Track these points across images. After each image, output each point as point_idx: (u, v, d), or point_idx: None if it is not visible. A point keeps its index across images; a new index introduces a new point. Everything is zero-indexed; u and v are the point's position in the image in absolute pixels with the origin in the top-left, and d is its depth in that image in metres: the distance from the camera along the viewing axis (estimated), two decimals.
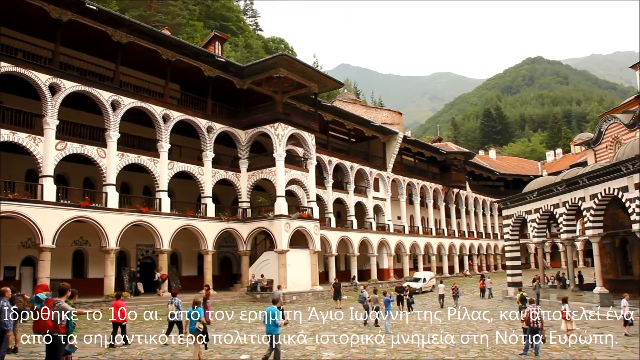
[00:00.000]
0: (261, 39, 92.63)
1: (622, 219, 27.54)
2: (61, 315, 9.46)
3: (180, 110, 32.31)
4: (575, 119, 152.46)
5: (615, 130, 36.09)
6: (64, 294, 10.04)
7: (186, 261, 36.56)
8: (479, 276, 52.07)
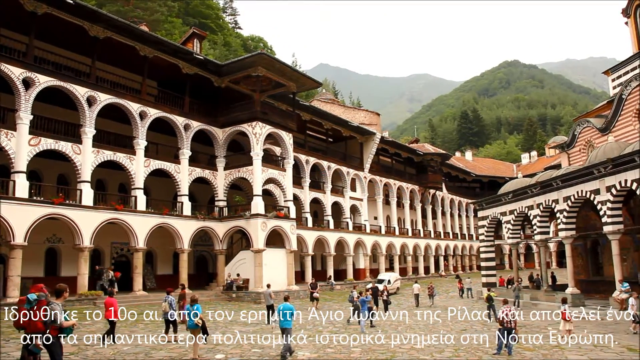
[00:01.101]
0: (240, 38, 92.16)
1: (593, 221, 28.04)
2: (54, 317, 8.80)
3: (157, 107, 32.04)
4: (550, 122, 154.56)
5: (588, 134, 36.64)
6: (61, 295, 9.51)
7: (161, 260, 36.28)
8: (454, 276, 52.50)
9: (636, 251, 27.29)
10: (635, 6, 37.23)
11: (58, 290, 9.53)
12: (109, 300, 15.91)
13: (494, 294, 23.98)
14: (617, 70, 37.22)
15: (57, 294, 9.50)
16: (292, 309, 14.26)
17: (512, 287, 28.22)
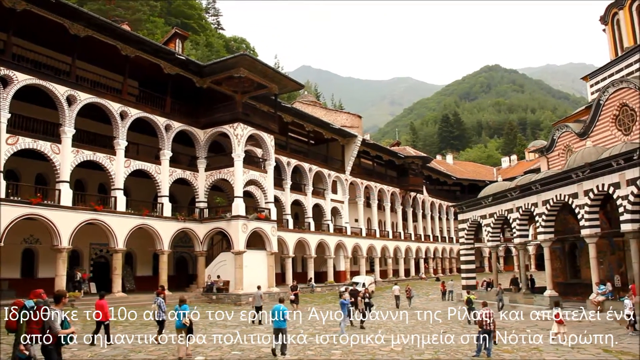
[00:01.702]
0: (223, 38, 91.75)
1: (571, 225, 28.40)
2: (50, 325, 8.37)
3: (138, 107, 31.79)
4: (530, 127, 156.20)
5: (567, 139, 37.09)
6: (60, 301, 9.07)
7: (141, 261, 35.97)
8: (434, 279, 52.76)
9: (612, 254, 27.67)
10: (612, 14, 37.82)
11: (57, 296, 9.16)
12: (99, 302, 16.01)
13: (473, 297, 24.16)
14: (595, 77, 37.77)
15: (56, 300, 9.11)
16: (286, 310, 14.77)
17: (495, 290, 28.39)
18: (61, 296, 9.13)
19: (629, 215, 21.63)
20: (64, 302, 9.12)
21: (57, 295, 9.13)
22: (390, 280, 50.46)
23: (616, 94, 32.45)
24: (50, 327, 8.35)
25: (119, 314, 18.15)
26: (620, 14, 36.84)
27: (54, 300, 9.09)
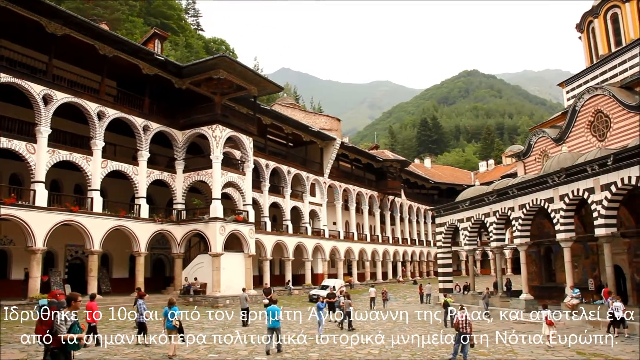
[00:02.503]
0: (202, 39, 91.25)
1: (547, 229, 28.76)
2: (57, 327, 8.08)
3: (116, 107, 31.48)
4: (507, 132, 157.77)
5: (543, 144, 37.57)
6: (70, 304, 8.66)
7: (117, 263, 35.58)
8: (411, 282, 53.02)
9: (587, 258, 28.08)
10: (588, 22, 38.43)
11: (68, 299, 8.84)
12: (89, 304, 16.14)
13: (450, 300, 24.34)
14: (571, 83, 38.33)
15: (67, 303, 8.77)
16: (279, 310, 15.58)
17: (482, 295, 28.45)
18: (72, 299, 8.74)
19: (602, 220, 21.97)
20: (75, 306, 8.67)
21: (68, 298, 8.85)
22: (368, 283, 50.58)
23: (591, 101, 32.98)
24: (56, 330, 8.11)
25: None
26: (595, 22, 37.45)
27: (66, 303, 8.84)
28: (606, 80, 33.92)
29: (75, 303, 8.63)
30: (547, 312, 17.97)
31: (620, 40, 35.48)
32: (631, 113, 29.92)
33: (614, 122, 31.35)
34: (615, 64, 33.77)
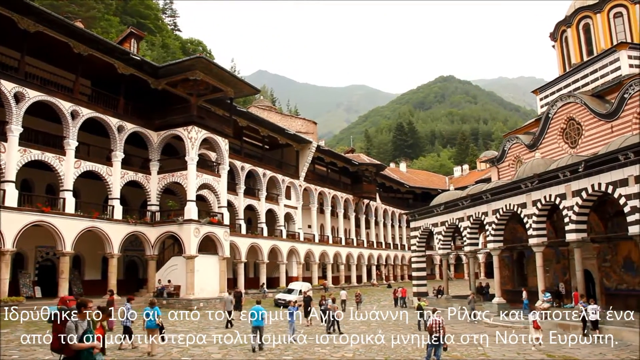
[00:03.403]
0: (179, 40, 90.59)
1: (520, 234, 29.17)
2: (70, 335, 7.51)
3: (90, 107, 31.06)
4: (482, 137, 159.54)
5: (517, 150, 38.10)
6: (80, 310, 8.05)
7: (89, 264, 35.09)
8: (386, 285, 53.26)
9: (558, 263, 28.55)
10: (561, 31, 39.13)
11: (78, 305, 8.19)
12: None
13: (424, 304, 24.49)
14: (545, 90, 38.95)
15: (77, 310, 8.13)
16: (264, 310, 16.98)
17: (467, 299, 28.34)
18: (82, 305, 8.14)
19: (573, 225, 22.35)
20: (85, 313, 8.07)
21: (78, 304, 8.23)
22: (343, 287, 50.64)
23: (564, 108, 33.56)
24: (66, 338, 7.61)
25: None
26: (568, 31, 38.16)
27: (76, 309, 8.20)
28: (578, 89, 34.56)
29: (85, 309, 8.10)
30: (535, 315, 18.30)
31: (592, 49, 36.22)
32: (602, 121, 30.53)
33: (585, 130, 31.94)
34: (587, 73, 34.42)
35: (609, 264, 25.00)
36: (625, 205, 19.44)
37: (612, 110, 29.74)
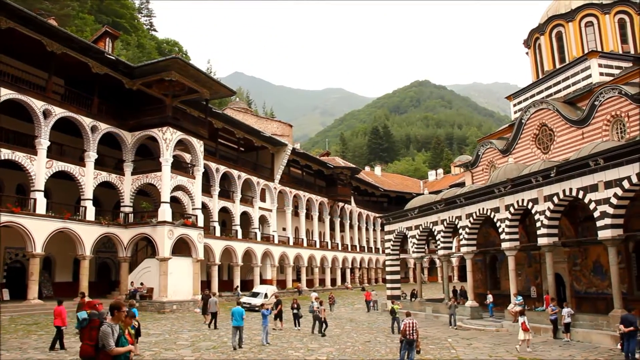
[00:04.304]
0: (155, 40, 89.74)
1: (493, 238, 29.49)
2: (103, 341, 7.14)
3: (63, 106, 30.61)
4: (456, 142, 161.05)
5: (490, 155, 38.54)
6: (114, 313, 7.56)
7: (60, 266, 34.52)
8: (360, 288, 53.37)
9: (530, 267, 28.90)
10: (534, 39, 39.74)
11: (111, 308, 7.67)
12: (57, 309, 16.10)
13: (397, 307, 24.62)
14: (519, 96, 39.49)
15: (111, 312, 7.65)
16: (243, 311, 18.31)
17: (448, 304, 28.16)
18: (115, 308, 7.62)
19: (545, 230, 22.66)
20: (119, 316, 7.59)
21: (111, 307, 7.69)
22: (317, 290, 50.67)
23: (537, 114, 34.07)
24: (103, 344, 7.20)
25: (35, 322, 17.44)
26: (541, 39, 38.77)
27: (109, 313, 7.75)
28: (551, 95, 35.12)
29: (118, 313, 7.58)
30: (523, 318, 18.53)
31: (565, 57, 36.87)
32: (573, 127, 31.06)
33: (557, 136, 32.45)
34: (559, 80, 35.00)
35: (579, 268, 25.41)
36: (595, 210, 19.79)
37: (583, 117, 30.28)
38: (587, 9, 36.16)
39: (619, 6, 35.75)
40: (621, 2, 35.90)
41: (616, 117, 28.45)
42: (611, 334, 18.25)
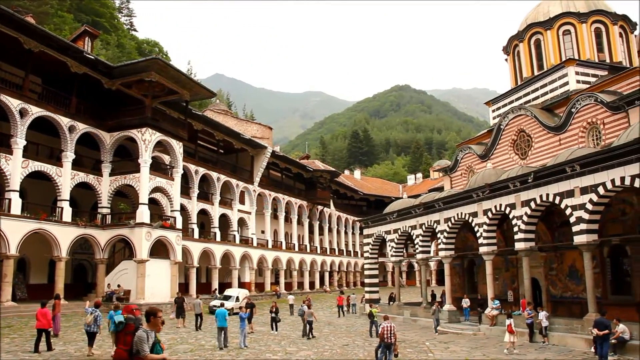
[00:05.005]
0: (135, 40, 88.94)
1: (471, 242, 29.72)
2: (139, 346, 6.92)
3: (40, 105, 30.19)
4: (435, 147, 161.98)
5: (469, 160, 38.85)
6: (150, 319, 7.30)
7: (35, 268, 33.93)
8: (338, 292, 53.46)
9: (507, 271, 29.19)
10: (514, 46, 40.19)
11: (147, 314, 7.40)
12: (41, 311, 15.96)
13: (375, 310, 24.70)
14: (497, 102, 39.86)
15: (146, 319, 7.40)
16: (226, 312, 19.21)
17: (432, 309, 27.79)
18: (152, 314, 7.35)
19: (522, 235, 22.92)
20: (155, 322, 7.31)
21: (147, 313, 7.42)
22: (295, 293, 50.61)
23: (515, 120, 34.44)
24: (137, 350, 7.00)
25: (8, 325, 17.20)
26: (520, 46, 39.21)
27: (145, 318, 7.51)
28: (529, 102, 35.52)
29: (155, 319, 7.33)
30: (510, 320, 18.76)
31: (543, 64, 37.33)
32: (551, 134, 31.46)
33: (535, 142, 32.84)
34: (537, 87, 35.42)
35: (555, 273, 25.73)
36: (571, 216, 20.07)
37: (560, 123, 30.68)
38: (565, 17, 36.68)
39: (596, 16, 36.35)
40: (597, 12, 36.52)
41: (592, 124, 28.88)
42: (585, 338, 18.54)
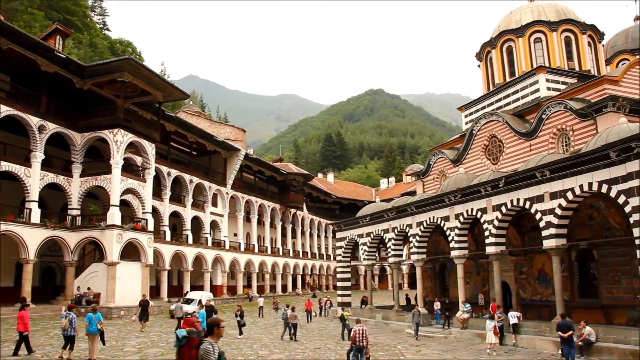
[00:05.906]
0: (108, 39, 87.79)
1: (442, 246, 30.04)
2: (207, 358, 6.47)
3: (9, 104, 29.58)
4: (408, 151, 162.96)
5: (442, 164, 39.23)
6: (213, 331, 6.91)
7: (1, 270, 33.23)
8: (311, 295, 53.47)
9: (478, 275, 29.53)
10: (486, 52, 40.72)
11: (209, 325, 7.05)
12: (20, 313, 15.85)
13: (347, 314, 24.78)
14: (470, 108, 40.35)
15: (209, 330, 7.02)
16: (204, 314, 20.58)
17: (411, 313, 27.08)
18: (215, 325, 7.02)
19: (493, 239, 23.23)
20: (219, 333, 7.00)
21: (210, 325, 7.07)
22: (267, 296, 50.45)
23: (487, 126, 34.89)
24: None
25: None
26: (493, 53, 39.76)
27: (207, 331, 7.11)
28: (501, 107, 36.04)
29: (218, 330, 7.00)
30: (493, 322, 19.00)
31: (515, 71, 37.90)
32: (521, 139, 31.94)
33: (506, 147, 33.30)
34: (509, 93, 35.96)
35: (525, 276, 26.10)
36: (540, 220, 20.41)
37: (531, 129, 31.16)
38: (536, 25, 37.32)
39: (565, 25, 37.07)
40: (567, 21, 37.25)
41: (562, 130, 29.40)
42: (554, 340, 18.86)
